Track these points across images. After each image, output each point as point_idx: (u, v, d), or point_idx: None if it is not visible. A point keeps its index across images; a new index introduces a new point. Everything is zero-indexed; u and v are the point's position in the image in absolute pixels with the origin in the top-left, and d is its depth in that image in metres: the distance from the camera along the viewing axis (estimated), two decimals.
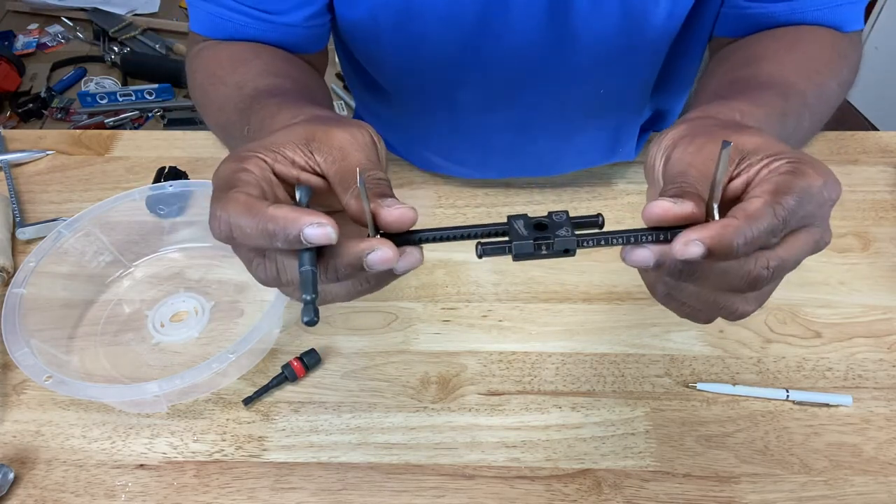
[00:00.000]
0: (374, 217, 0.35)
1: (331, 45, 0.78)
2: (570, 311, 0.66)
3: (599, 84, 0.67)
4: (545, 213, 0.36)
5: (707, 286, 0.36)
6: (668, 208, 0.34)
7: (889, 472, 0.55)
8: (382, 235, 0.36)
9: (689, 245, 0.33)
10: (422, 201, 0.77)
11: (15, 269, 0.69)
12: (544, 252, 0.36)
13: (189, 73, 0.65)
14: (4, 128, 1.01)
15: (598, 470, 0.56)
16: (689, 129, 0.40)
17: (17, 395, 0.61)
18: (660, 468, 0.56)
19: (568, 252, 0.36)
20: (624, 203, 0.76)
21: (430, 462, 0.56)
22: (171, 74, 2.09)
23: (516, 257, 0.36)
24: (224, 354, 0.56)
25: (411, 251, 0.36)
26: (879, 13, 1.98)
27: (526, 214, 0.37)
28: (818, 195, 0.35)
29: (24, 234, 0.73)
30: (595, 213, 0.38)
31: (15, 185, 0.79)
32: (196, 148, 0.84)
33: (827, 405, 0.59)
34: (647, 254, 0.35)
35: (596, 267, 0.70)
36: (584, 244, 0.36)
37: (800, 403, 0.59)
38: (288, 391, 0.61)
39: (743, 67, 0.56)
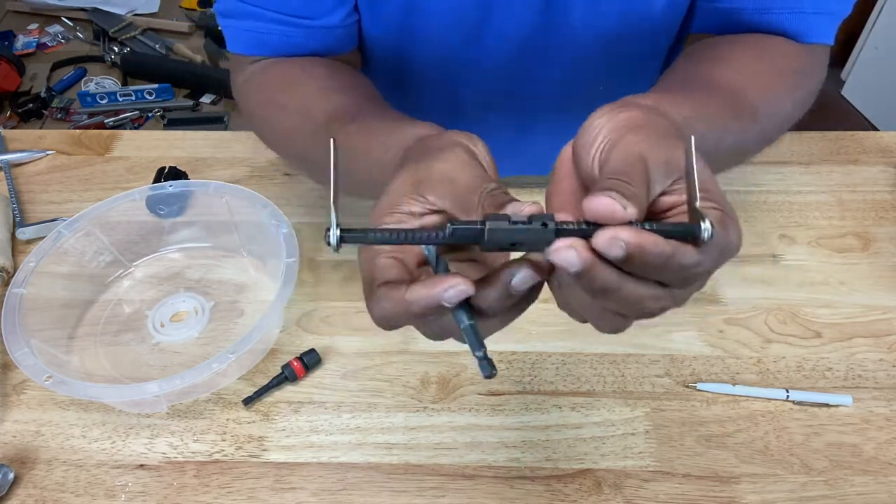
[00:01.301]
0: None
1: None
2: None
3: (599, 81, 0.67)
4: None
5: (595, 299, 0.35)
6: (616, 211, 0.32)
7: (889, 472, 0.55)
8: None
9: (614, 242, 0.31)
10: None
11: (15, 269, 0.69)
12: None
13: (241, 102, 0.64)
14: (4, 128, 1.01)
15: (598, 470, 0.56)
16: (641, 120, 0.38)
17: (17, 395, 0.61)
18: (660, 468, 0.56)
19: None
20: None
21: (430, 462, 0.56)
22: (171, 74, 2.10)
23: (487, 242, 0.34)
24: (224, 354, 0.56)
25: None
26: (879, 13, 1.98)
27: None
28: (731, 249, 0.35)
29: (24, 234, 0.73)
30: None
31: (15, 185, 0.79)
32: (196, 148, 0.84)
33: (827, 405, 0.59)
34: (574, 259, 0.32)
35: None
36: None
37: (800, 403, 0.59)
38: (288, 391, 0.61)
39: (702, 64, 0.55)
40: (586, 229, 0.33)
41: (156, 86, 2.06)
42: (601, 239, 0.31)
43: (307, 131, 0.55)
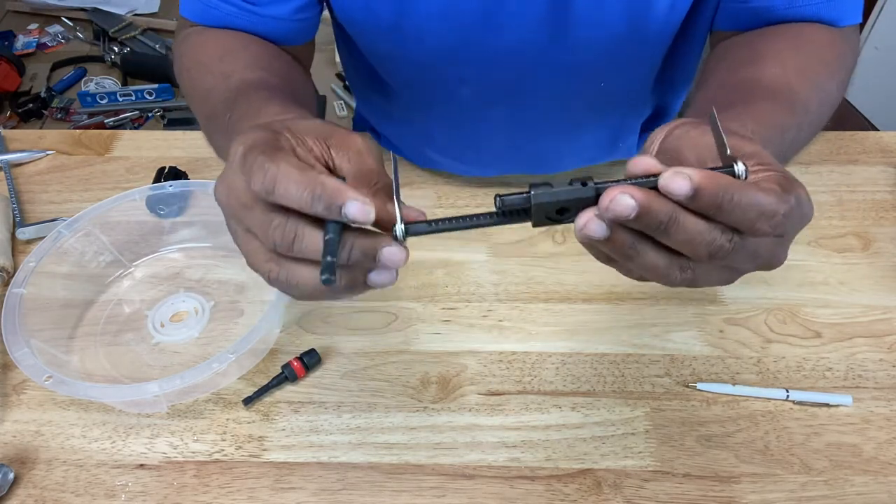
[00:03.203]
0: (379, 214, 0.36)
1: (332, 46, 0.78)
2: (570, 311, 0.66)
3: (600, 79, 0.66)
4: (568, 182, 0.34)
5: (669, 243, 0.35)
6: (653, 167, 0.33)
7: (889, 472, 0.55)
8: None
9: (676, 177, 0.32)
10: (422, 201, 0.77)
11: (15, 269, 0.69)
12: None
13: (176, 56, 0.65)
14: (4, 128, 1.01)
15: (598, 470, 0.56)
16: (691, 119, 0.41)
17: (17, 395, 0.61)
18: (660, 468, 0.56)
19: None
20: None
21: (430, 462, 0.56)
22: (170, 74, 2.09)
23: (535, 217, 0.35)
24: (224, 354, 0.56)
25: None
26: (879, 13, 1.98)
27: (549, 184, 0.35)
28: (805, 209, 0.35)
29: (24, 234, 0.73)
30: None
31: (15, 185, 0.79)
32: (196, 148, 0.84)
33: (827, 405, 0.59)
34: (629, 201, 0.32)
35: (596, 267, 0.69)
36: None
37: (800, 403, 0.59)
38: (288, 391, 0.61)
39: (745, 66, 0.56)
40: (627, 181, 0.33)
41: (156, 86, 2.05)
42: (665, 175, 0.32)
43: (220, 92, 0.55)
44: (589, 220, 0.33)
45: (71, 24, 2.37)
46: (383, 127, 0.83)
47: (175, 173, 0.77)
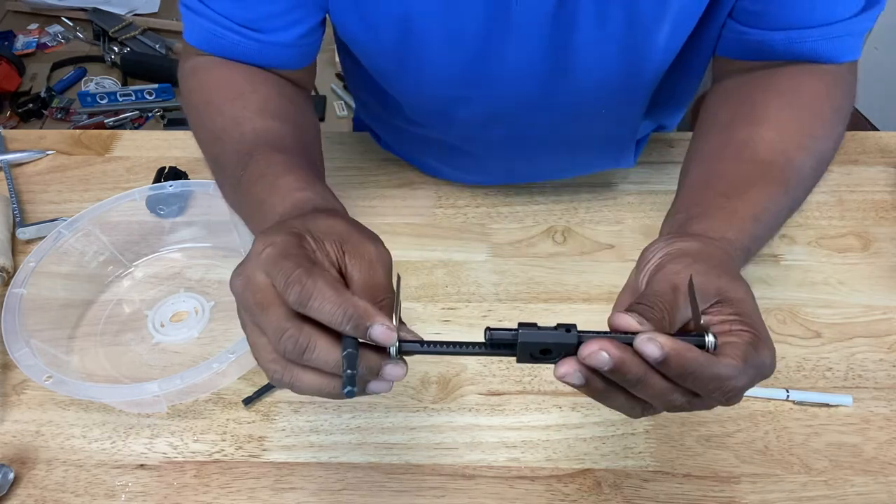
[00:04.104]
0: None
1: (332, 46, 0.78)
2: (570, 311, 0.66)
3: (599, 106, 0.67)
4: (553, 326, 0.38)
5: (635, 394, 0.39)
6: (632, 326, 0.37)
7: (889, 472, 0.55)
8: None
9: (651, 341, 0.36)
10: (422, 201, 0.77)
11: (15, 269, 0.69)
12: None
13: (183, 89, 0.65)
14: (4, 128, 1.01)
15: (598, 470, 0.56)
16: (692, 250, 0.44)
17: (17, 395, 0.61)
18: (660, 468, 0.56)
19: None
20: (624, 203, 0.76)
21: (430, 462, 0.56)
22: (171, 74, 2.09)
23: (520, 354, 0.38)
24: (224, 354, 0.56)
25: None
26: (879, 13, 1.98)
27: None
28: (766, 370, 0.40)
29: (24, 234, 0.73)
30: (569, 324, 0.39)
31: (15, 185, 0.79)
32: (196, 148, 0.83)
33: (827, 405, 0.59)
34: (604, 357, 0.36)
35: (596, 267, 0.70)
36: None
37: (800, 403, 0.59)
38: (288, 391, 0.61)
39: (743, 128, 0.57)
40: (608, 333, 0.37)
41: (156, 86, 2.05)
42: (639, 338, 0.36)
43: (233, 139, 0.57)
44: (568, 372, 0.37)
45: (71, 24, 2.37)
46: (382, 132, 0.83)
47: (175, 173, 0.77)
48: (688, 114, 0.87)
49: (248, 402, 0.60)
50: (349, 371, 0.36)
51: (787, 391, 0.59)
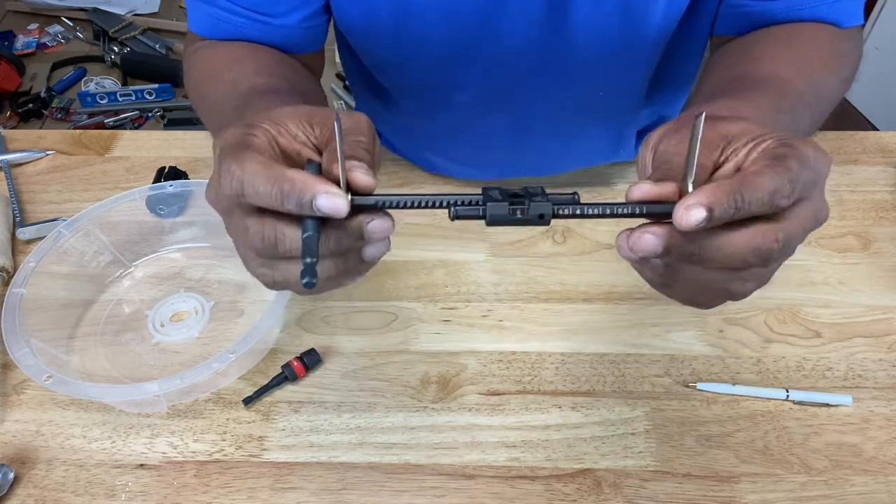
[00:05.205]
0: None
1: (332, 46, 0.78)
2: (570, 311, 0.66)
3: (598, 84, 0.67)
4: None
5: (713, 266, 0.35)
6: (648, 190, 0.35)
7: (889, 472, 0.55)
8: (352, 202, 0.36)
9: (689, 210, 0.32)
10: None
11: (15, 269, 0.69)
12: (519, 216, 0.35)
13: (186, 70, 0.65)
14: (4, 128, 1.01)
15: (598, 470, 0.56)
16: (675, 124, 0.40)
17: (17, 395, 0.61)
18: (660, 468, 0.56)
19: (543, 218, 0.35)
20: None
21: (430, 462, 0.56)
22: (171, 74, 2.10)
23: (490, 221, 0.35)
24: (224, 354, 0.56)
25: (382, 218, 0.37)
26: (879, 13, 1.99)
27: (501, 186, 0.36)
28: (814, 163, 0.35)
29: (24, 234, 0.73)
30: (571, 192, 0.37)
31: (15, 185, 0.79)
32: (196, 148, 0.84)
33: (827, 405, 0.59)
34: (653, 239, 0.34)
35: (596, 267, 0.70)
36: (560, 212, 0.36)
37: (800, 403, 0.59)
38: (288, 391, 0.61)
39: (739, 66, 0.56)
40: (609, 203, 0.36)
41: (156, 86, 2.06)
42: (678, 212, 0.33)
43: (231, 100, 0.55)
44: (646, 237, 0.35)
45: (71, 24, 2.37)
46: (383, 130, 0.83)
47: (175, 173, 0.77)
48: (687, 104, 0.87)
49: (248, 401, 0.60)
50: (307, 259, 0.33)
51: (787, 391, 0.59)
